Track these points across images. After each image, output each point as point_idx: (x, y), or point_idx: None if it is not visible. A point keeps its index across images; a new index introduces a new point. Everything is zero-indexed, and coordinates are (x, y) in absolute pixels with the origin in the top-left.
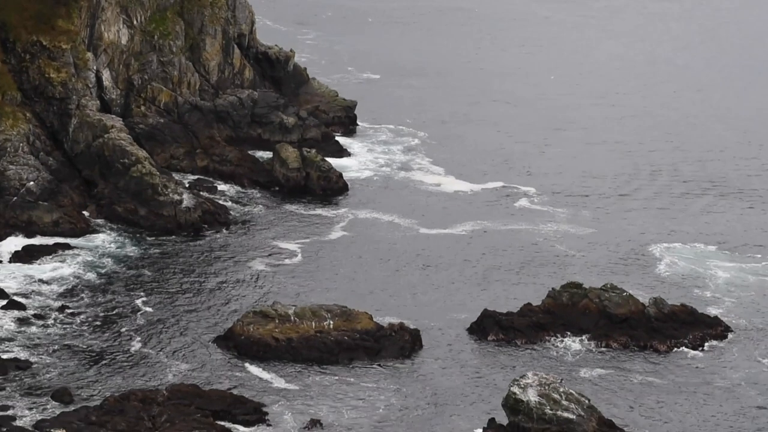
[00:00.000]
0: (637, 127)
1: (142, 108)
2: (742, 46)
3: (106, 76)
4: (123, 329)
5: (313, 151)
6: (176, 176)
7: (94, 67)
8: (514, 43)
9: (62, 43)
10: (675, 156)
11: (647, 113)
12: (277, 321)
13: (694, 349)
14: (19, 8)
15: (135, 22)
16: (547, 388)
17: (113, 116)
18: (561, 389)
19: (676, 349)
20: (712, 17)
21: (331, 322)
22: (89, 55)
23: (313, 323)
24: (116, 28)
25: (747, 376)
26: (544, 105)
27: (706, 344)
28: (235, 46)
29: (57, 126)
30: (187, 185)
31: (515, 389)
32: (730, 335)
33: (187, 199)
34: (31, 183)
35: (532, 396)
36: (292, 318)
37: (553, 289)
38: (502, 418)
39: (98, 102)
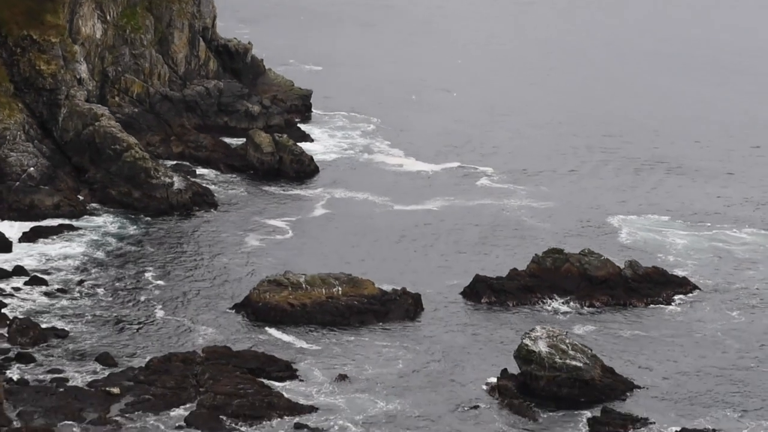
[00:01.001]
0: (574, 110)
1: (117, 98)
2: (648, 35)
3: (83, 68)
4: (143, 299)
5: (285, 136)
6: None
7: (82, 59)
8: (441, 35)
9: (51, 36)
10: (615, 136)
11: (577, 97)
12: (290, 288)
13: (669, 305)
14: (10, 5)
15: (108, 17)
16: (555, 339)
17: (101, 105)
18: (567, 340)
19: (653, 306)
20: (617, 8)
21: (340, 289)
22: (77, 48)
23: (324, 290)
24: (92, 23)
25: (721, 327)
26: (480, 91)
27: (680, 301)
28: (200, 39)
29: (46, 116)
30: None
31: (527, 341)
32: (698, 293)
33: (178, 182)
34: (32, 169)
35: (542, 347)
36: (303, 285)
37: (536, 254)
38: (513, 369)
39: (86, 92)
